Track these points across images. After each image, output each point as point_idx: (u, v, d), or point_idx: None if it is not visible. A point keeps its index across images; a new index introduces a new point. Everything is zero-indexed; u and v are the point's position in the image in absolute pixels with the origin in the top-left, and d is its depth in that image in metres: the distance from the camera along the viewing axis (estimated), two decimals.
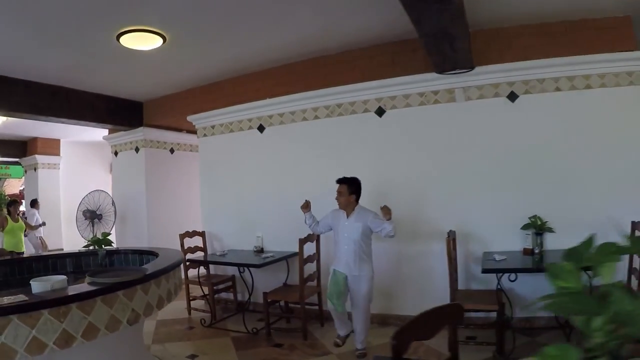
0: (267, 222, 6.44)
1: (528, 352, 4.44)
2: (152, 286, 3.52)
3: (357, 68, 5.84)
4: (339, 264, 4.77)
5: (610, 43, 5.12)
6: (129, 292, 3.24)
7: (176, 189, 8.44)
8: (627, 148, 5.05)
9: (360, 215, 4.72)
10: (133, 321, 3.27)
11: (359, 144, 5.85)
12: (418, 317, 2.29)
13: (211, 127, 6.96)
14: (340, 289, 4.70)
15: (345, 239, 4.73)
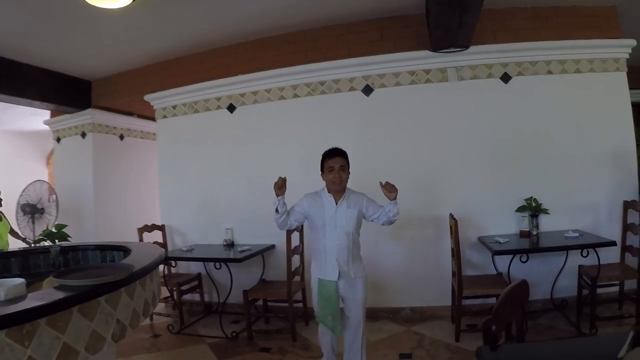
0: (237, 213, 5.77)
1: (536, 334, 4.32)
2: (138, 288, 2.66)
3: (343, 43, 5.38)
4: (324, 269, 3.52)
5: (598, 30, 5.20)
6: (113, 297, 2.35)
7: (127, 180, 7.50)
8: (616, 131, 5.14)
9: (353, 200, 3.59)
10: (118, 336, 2.38)
11: (344, 125, 5.36)
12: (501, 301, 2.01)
13: (172, 107, 6.17)
14: (334, 304, 3.50)
15: (334, 233, 3.51)
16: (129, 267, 2.54)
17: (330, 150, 3.63)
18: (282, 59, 5.53)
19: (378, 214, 3.58)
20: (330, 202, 3.56)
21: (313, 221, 3.60)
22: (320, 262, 3.58)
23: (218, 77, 5.80)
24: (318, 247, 3.60)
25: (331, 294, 3.49)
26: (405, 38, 5.24)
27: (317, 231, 3.58)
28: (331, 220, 3.53)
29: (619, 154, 5.10)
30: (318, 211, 3.57)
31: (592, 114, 5.13)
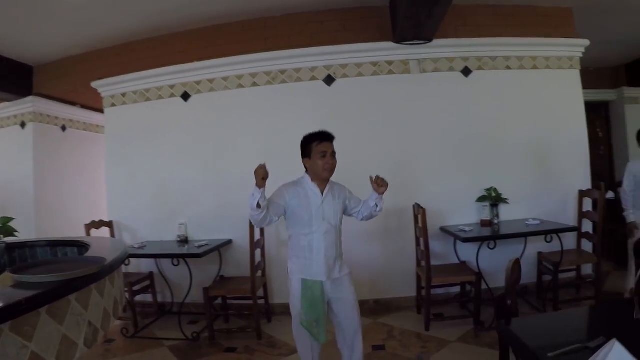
0: (191, 208, 5.42)
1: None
2: (108, 284, 2.31)
3: (305, 32, 5.21)
4: (309, 268, 3.10)
5: (554, 29, 5.39)
6: (83, 295, 2.00)
7: (70, 174, 6.95)
8: (570, 125, 5.36)
9: (337, 191, 3.25)
10: (91, 341, 2.05)
11: (305, 115, 5.14)
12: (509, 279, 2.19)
13: (122, 95, 5.75)
14: (319, 307, 3.06)
15: (322, 227, 3.11)
16: (100, 259, 2.18)
17: (321, 133, 3.16)
18: (240, 46, 5.28)
19: (359, 207, 3.32)
20: (315, 192, 3.14)
21: (297, 215, 3.12)
22: (304, 260, 3.13)
23: (172, 64, 5.45)
24: (301, 243, 3.14)
25: (317, 296, 3.06)
26: (368, 29, 5.16)
27: (302, 226, 3.13)
28: (318, 213, 3.11)
29: (572, 147, 5.33)
30: (303, 203, 3.11)
31: (548, 109, 5.31)
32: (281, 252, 5.21)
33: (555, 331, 1.98)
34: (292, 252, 3.24)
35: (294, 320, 3.17)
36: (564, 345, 1.67)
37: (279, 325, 4.79)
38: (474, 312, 4.36)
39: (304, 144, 3.20)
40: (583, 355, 1.59)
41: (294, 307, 3.15)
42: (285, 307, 5.15)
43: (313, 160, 3.12)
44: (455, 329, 4.27)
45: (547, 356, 1.61)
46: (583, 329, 2.04)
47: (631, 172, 4.70)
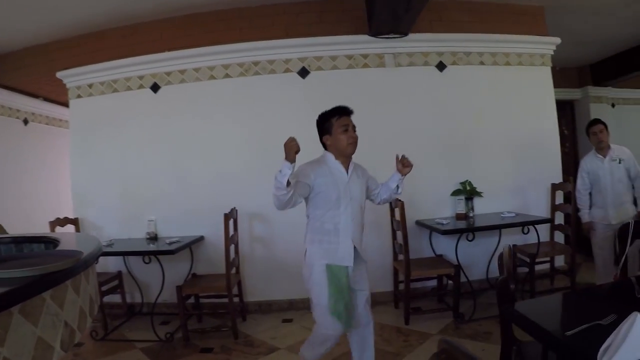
0: (160, 204, 5.18)
1: (481, 312, 4.25)
2: (83, 281, 2.07)
3: (280, 23, 5.08)
4: (335, 253, 2.85)
5: (527, 27, 5.47)
6: (59, 292, 1.76)
7: (32, 169, 6.62)
8: (541, 120, 5.48)
9: (359, 169, 3.10)
10: (67, 344, 1.80)
11: (278, 108, 5.06)
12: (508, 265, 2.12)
13: (88, 86, 5.48)
14: (347, 294, 2.86)
15: (349, 207, 2.90)
16: (76, 252, 1.95)
17: (340, 108, 3.03)
18: (213, 36, 5.10)
19: (377, 190, 3.20)
20: (340, 170, 2.93)
21: (324, 195, 2.87)
22: (328, 244, 2.86)
23: (142, 54, 5.23)
24: (326, 226, 2.87)
25: (343, 282, 2.84)
26: (344, 22, 5.08)
27: (328, 207, 2.87)
28: (346, 192, 2.90)
29: (544, 142, 5.44)
30: (329, 181, 2.87)
31: (520, 104, 5.38)
32: (255, 248, 5.09)
33: (560, 313, 2.00)
34: (314, 236, 2.92)
35: (317, 312, 2.89)
36: (575, 324, 1.68)
37: (254, 323, 4.65)
38: (454, 305, 4.36)
39: (322, 121, 3.05)
40: (598, 331, 1.61)
41: (318, 295, 2.86)
42: (260, 304, 5.10)
43: (335, 136, 2.94)
44: (434, 322, 4.26)
45: (565, 334, 1.62)
46: (587, 309, 2.03)
47: (584, 170, 4.67)
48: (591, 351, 1.46)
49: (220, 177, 5.10)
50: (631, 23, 6.35)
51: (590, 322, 1.68)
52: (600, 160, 4.55)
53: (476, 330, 4.05)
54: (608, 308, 1.83)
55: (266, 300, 5.07)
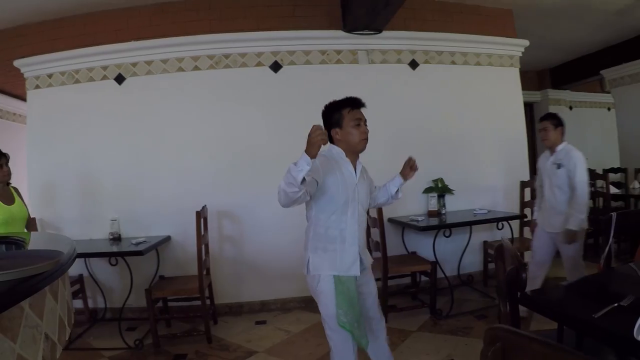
0: (124, 202, 4.82)
1: (457, 307, 4.24)
2: (61, 286, 1.77)
3: (252, 15, 4.85)
4: (341, 262, 2.50)
5: (496, 29, 5.52)
6: (37, 300, 1.47)
7: None
8: (510, 119, 5.56)
9: (364, 170, 2.76)
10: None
11: (249, 102, 4.84)
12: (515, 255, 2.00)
13: (48, 76, 5.06)
14: (357, 307, 2.50)
15: (356, 212, 2.56)
16: (56, 253, 1.67)
17: (353, 99, 2.66)
18: (182, 27, 4.82)
19: (375, 192, 2.91)
20: (349, 169, 2.57)
21: (330, 195, 2.48)
22: (334, 252, 2.50)
23: (106, 43, 4.88)
24: (331, 232, 2.51)
25: (353, 293, 2.49)
26: (318, 17, 4.92)
27: (334, 210, 2.50)
28: (354, 195, 2.54)
29: (512, 140, 5.50)
30: (339, 181, 2.48)
31: (490, 103, 5.42)
32: (224, 249, 4.86)
33: (576, 297, 2.03)
34: (317, 244, 2.54)
35: (328, 324, 2.54)
36: (593, 309, 1.67)
37: (226, 326, 4.40)
38: (431, 301, 4.30)
39: (331, 112, 2.65)
40: (622, 312, 1.65)
41: (327, 307, 2.50)
42: (230, 306, 4.86)
43: (345, 130, 2.56)
44: (412, 319, 4.19)
45: (593, 317, 1.62)
46: (597, 295, 2.05)
47: (539, 168, 4.36)
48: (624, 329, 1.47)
49: (187, 174, 4.82)
50: (591, 31, 6.51)
51: (610, 305, 1.69)
52: (546, 159, 4.07)
53: (455, 326, 4.00)
54: (620, 291, 1.87)
55: (237, 302, 4.84)
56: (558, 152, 3.91)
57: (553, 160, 3.93)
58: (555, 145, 3.92)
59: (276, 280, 4.80)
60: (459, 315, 4.24)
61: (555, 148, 3.93)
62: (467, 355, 3.48)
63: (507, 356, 1.19)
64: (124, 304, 4.19)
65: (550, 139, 3.93)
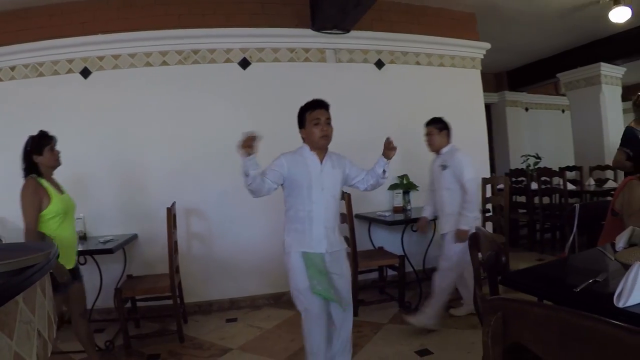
0: (89, 200, 4.57)
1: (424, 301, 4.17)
2: (47, 284, 1.63)
3: (221, 11, 4.80)
4: (308, 240, 2.86)
5: (460, 32, 5.66)
6: (30, 294, 1.37)
7: None
8: (472, 119, 5.74)
9: (335, 160, 3.06)
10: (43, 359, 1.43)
11: (217, 99, 4.79)
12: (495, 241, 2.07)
13: (10, 68, 4.85)
14: (326, 278, 2.85)
15: (322, 196, 2.91)
16: (46, 245, 1.59)
17: (313, 101, 3.03)
18: (151, 21, 4.72)
19: (362, 176, 3.16)
20: (314, 160, 2.94)
21: (295, 182, 2.90)
22: (302, 233, 2.88)
23: (72, 36, 4.72)
24: (300, 214, 2.90)
25: (321, 267, 2.85)
26: (287, 15, 4.93)
27: (301, 194, 2.90)
28: (317, 182, 2.91)
29: (474, 139, 5.63)
30: (302, 171, 2.91)
31: (452, 103, 5.48)
32: (192, 246, 4.80)
33: (553, 277, 2.16)
34: (290, 225, 2.96)
35: (299, 299, 2.86)
36: (572, 284, 1.78)
37: (197, 325, 4.33)
38: (399, 294, 4.37)
39: (299, 115, 3.06)
40: (599, 286, 1.78)
41: (297, 282, 2.84)
42: (200, 305, 4.78)
43: (308, 129, 2.95)
44: (382, 312, 4.23)
45: (574, 291, 1.73)
46: (572, 274, 2.21)
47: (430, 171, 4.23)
48: (604, 300, 1.61)
49: (154, 170, 4.71)
50: (548, 35, 6.75)
51: (587, 281, 1.80)
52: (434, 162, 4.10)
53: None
54: (593, 270, 1.98)
55: (206, 300, 4.76)
56: (443, 154, 3.95)
57: (439, 162, 3.96)
58: (440, 148, 3.97)
59: (245, 278, 4.77)
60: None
61: (441, 151, 3.97)
62: (439, 343, 3.57)
63: (508, 324, 1.23)
64: (94, 305, 4.04)
65: (435, 143, 3.97)
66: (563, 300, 1.82)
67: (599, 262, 2.26)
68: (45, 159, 3.25)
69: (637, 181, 3.13)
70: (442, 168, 3.89)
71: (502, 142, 9.14)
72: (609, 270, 1.96)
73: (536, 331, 1.16)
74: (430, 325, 3.74)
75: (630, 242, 2.39)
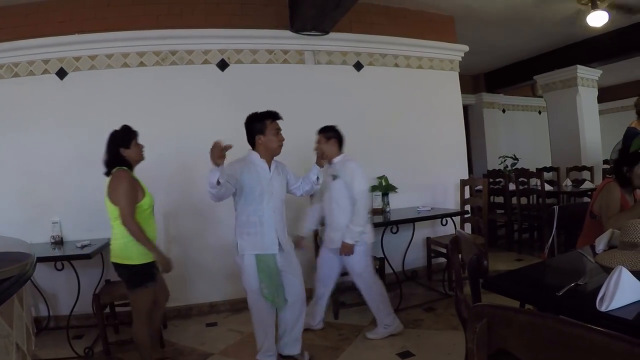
0: (66, 203, 4.51)
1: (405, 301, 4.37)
2: (25, 293, 1.61)
3: (200, 12, 4.72)
4: (261, 243, 3.08)
5: (438, 34, 5.70)
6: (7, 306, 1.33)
7: None
8: (450, 121, 5.78)
9: (279, 167, 3.30)
10: None
11: (195, 101, 4.71)
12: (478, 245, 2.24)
13: None
14: (276, 278, 3.14)
15: (272, 201, 3.13)
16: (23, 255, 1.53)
17: (274, 112, 3.24)
18: (128, 21, 4.61)
19: (298, 183, 3.42)
20: (264, 168, 3.18)
21: (248, 189, 3.09)
22: (255, 236, 3.11)
23: (47, 35, 4.58)
24: (251, 219, 3.11)
25: (272, 268, 3.12)
26: (266, 16, 4.86)
27: (253, 200, 3.11)
28: (268, 187, 3.14)
29: (452, 140, 5.72)
30: (253, 178, 3.10)
31: (431, 105, 5.58)
32: (170, 249, 4.66)
33: (535, 280, 2.16)
34: (242, 229, 3.15)
35: (249, 297, 3.18)
36: (554, 288, 1.80)
37: (176, 330, 4.24)
38: None
39: (255, 121, 3.20)
40: (581, 290, 1.80)
41: (249, 283, 3.12)
42: (179, 310, 4.67)
43: (268, 137, 3.15)
44: (362, 315, 4.17)
45: (556, 295, 1.74)
46: (553, 277, 2.23)
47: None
48: (587, 303, 1.63)
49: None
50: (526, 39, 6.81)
51: (569, 285, 1.81)
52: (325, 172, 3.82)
53: (406, 319, 4.02)
54: (574, 273, 2.02)
55: (185, 304, 4.67)
56: (334, 164, 3.75)
57: (330, 172, 3.75)
58: (331, 158, 3.74)
59: (224, 281, 4.67)
60: (407, 309, 4.32)
61: (332, 160, 3.76)
62: (420, 345, 3.56)
63: (493, 330, 1.22)
64: (72, 311, 3.93)
65: (327, 152, 3.70)
66: (546, 304, 1.85)
67: (580, 265, 2.27)
68: (133, 152, 3.29)
69: (615, 183, 3.15)
70: (332, 178, 3.71)
71: (480, 143, 9.20)
72: (590, 273, 1.99)
73: (522, 338, 1.15)
74: (394, 330, 3.74)
75: (609, 245, 2.42)
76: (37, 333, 4.19)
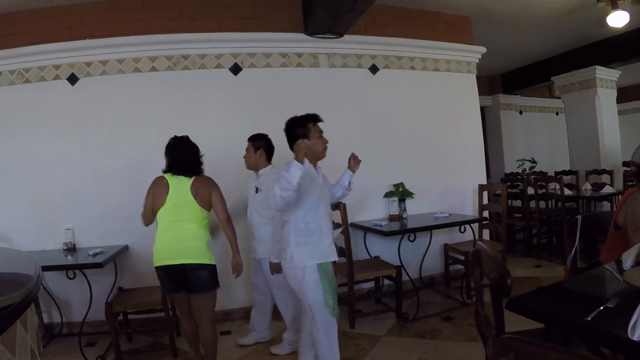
0: (78, 210, 4.40)
1: (423, 311, 4.18)
2: (29, 316, 1.49)
3: (212, 16, 4.61)
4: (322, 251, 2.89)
5: (455, 36, 5.53)
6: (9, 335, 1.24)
7: None
8: (467, 124, 5.61)
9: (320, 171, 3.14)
10: None
11: (208, 106, 4.60)
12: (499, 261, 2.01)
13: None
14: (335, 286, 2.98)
15: (326, 207, 3.00)
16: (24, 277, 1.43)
17: (315, 115, 3.02)
18: (140, 25, 4.52)
19: (332, 189, 3.27)
20: (314, 173, 2.98)
21: (305, 195, 2.82)
22: (314, 244, 2.86)
23: (58, 41, 4.51)
24: (310, 226, 2.86)
25: (331, 276, 2.92)
26: (279, 19, 4.74)
27: (310, 208, 2.86)
28: (322, 193, 2.95)
29: (470, 144, 5.56)
30: (309, 183, 2.85)
31: (448, 108, 5.43)
32: None
33: (561, 302, 2.00)
34: (299, 239, 2.86)
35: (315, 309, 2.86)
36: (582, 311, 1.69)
37: None
38: (396, 305, 4.22)
39: (297, 126, 2.96)
40: (610, 313, 1.68)
41: (314, 294, 2.84)
42: None
43: (312, 141, 2.92)
44: (379, 324, 4.07)
45: (585, 320, 1.63)
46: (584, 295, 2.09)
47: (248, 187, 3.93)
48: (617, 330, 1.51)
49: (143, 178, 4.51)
50: (543, 39, 6.62)
51: (598, 308, 1.70)
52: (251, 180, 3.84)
53: (422, 329, 3.92)
54: (602, 293, 1.96)
55: None
56: (259, 177, 3.71)
57: (254, 183, 3.73)
58: (256, 168, 3.73)
59: (239, 289, 4.54)
60: (425, 317, 4.19)
61: (258, 171, 3.73)
62: (439, 357, 3.42)
63: None
64: (84, 319, 3.83)
65: (249, 161, 3.75)
66: (574, 330, 1.74)
67: (607, 284, 2.14)
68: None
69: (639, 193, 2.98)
70: (255, 190, 3.68)
71: (497, 145, 9.01)
72: (620, 294, 1.84)
73: None
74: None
75: (638, 260, 2.22)
76: (49, 339, 4.18)
